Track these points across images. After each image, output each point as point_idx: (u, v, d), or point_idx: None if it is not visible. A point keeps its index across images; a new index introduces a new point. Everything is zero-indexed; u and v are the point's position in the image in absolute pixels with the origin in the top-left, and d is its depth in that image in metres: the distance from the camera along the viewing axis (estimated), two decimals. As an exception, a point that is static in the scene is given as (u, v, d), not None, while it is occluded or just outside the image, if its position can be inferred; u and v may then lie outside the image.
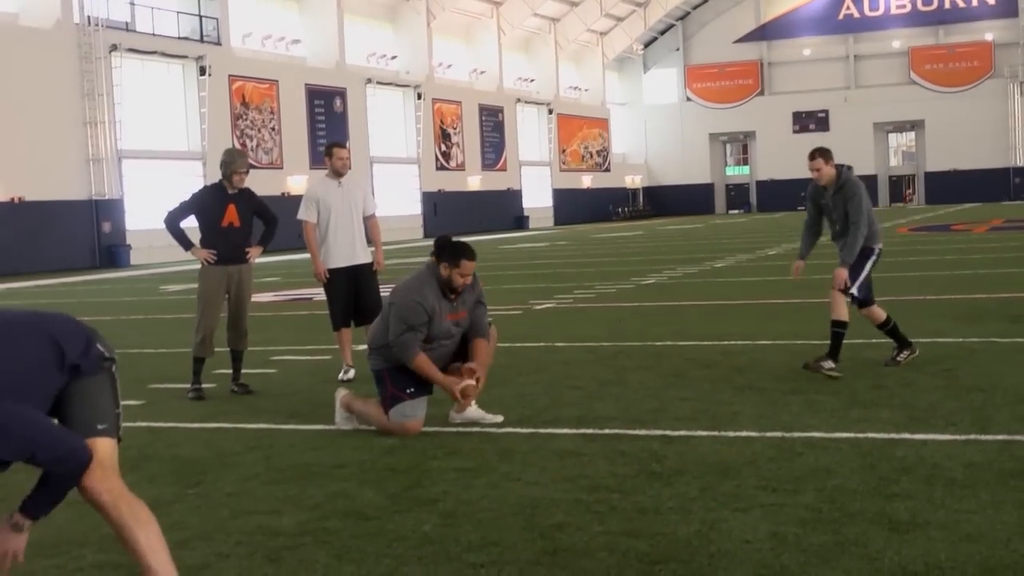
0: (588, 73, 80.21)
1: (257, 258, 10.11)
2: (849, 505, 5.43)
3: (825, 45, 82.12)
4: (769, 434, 7.07)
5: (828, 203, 9.49)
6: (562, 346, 11.92)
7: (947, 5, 79.69)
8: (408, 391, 7.70)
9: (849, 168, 9.60)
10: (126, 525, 3.97)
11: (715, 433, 7.21)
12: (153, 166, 43.09)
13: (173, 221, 10.00)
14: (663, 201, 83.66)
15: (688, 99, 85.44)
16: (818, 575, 4.49)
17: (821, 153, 9.47)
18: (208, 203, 9.93)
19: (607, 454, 6.75)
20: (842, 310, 9.29)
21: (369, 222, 10.56)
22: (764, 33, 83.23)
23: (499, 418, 7.91)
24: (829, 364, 9.08)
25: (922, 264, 21.67)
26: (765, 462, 6.38)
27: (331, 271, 10.32)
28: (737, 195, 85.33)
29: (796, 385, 8.79)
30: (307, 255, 10.67)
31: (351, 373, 10.15)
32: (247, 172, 9.92)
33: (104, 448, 4.02)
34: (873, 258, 9.50)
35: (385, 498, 6.00)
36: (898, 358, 9.48)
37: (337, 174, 10.47)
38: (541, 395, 8.78)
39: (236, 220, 9.88)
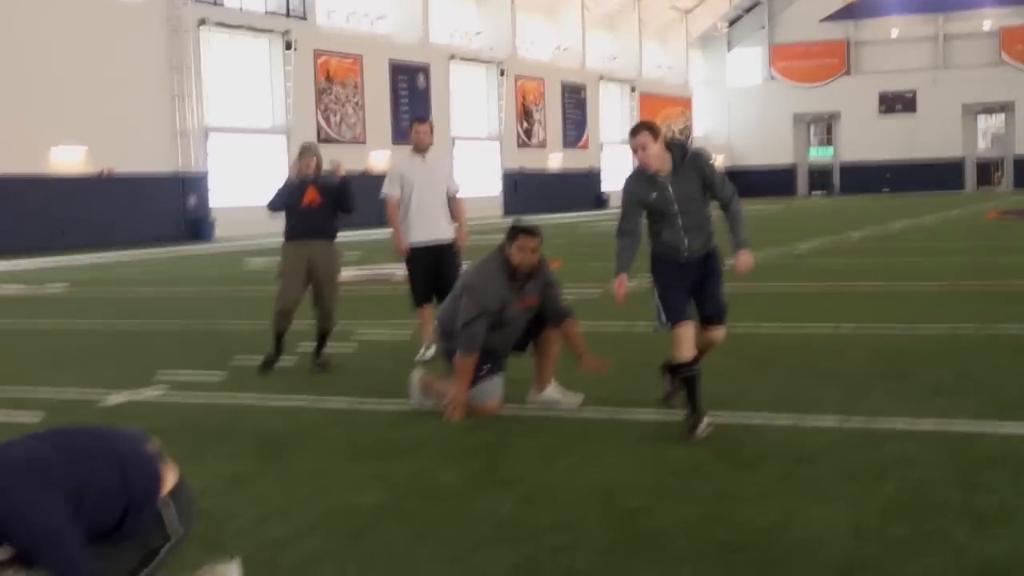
0: (672, 52, 79.69)
1: (343, 171, 10.29)
2: (933, 496, 5.35)
3: (913, 25, 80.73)
4: (851, 422, 6.98)
5: (667, 193, 7.02)
6: (642, 327, 11.85)
7: (1041, -16, 77.92)
8: (484, 368, 7.70)
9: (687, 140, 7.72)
10: None
11: (796, 420, 7.13)
12: (238, 140, 43.56)
13: (274, 204, 10.22)
14: (745, 182, 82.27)
15: (772, 78, 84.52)
16: (900, 568, 4.43)
17: (648, 128, 6.99)
18: (291, 187, 10.14)
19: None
20: (688, 346, 7.01)
21: (453, 201, 10.57)
22: (851, 12, 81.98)
23: (579, 398, 7.89)
24: (705, 422, 6.83)
25: (1012, 249, 21.25)
26: (846, 450, 6.30)
27: (412, 248, 10.33)
28: (820, 177, 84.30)
29: (879, 371, 8.67)
30: (390, 231, 10.70)
31: (432, 350, 10.17)
32: (315, 159, 10.13)
33: None
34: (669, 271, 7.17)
35: (464, 478, 6.01)
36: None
37: (420, 149, 10.50)
38: (620, 377, 8.72)
39: (316, 199, 10.03)
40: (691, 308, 7.15)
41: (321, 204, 10.06)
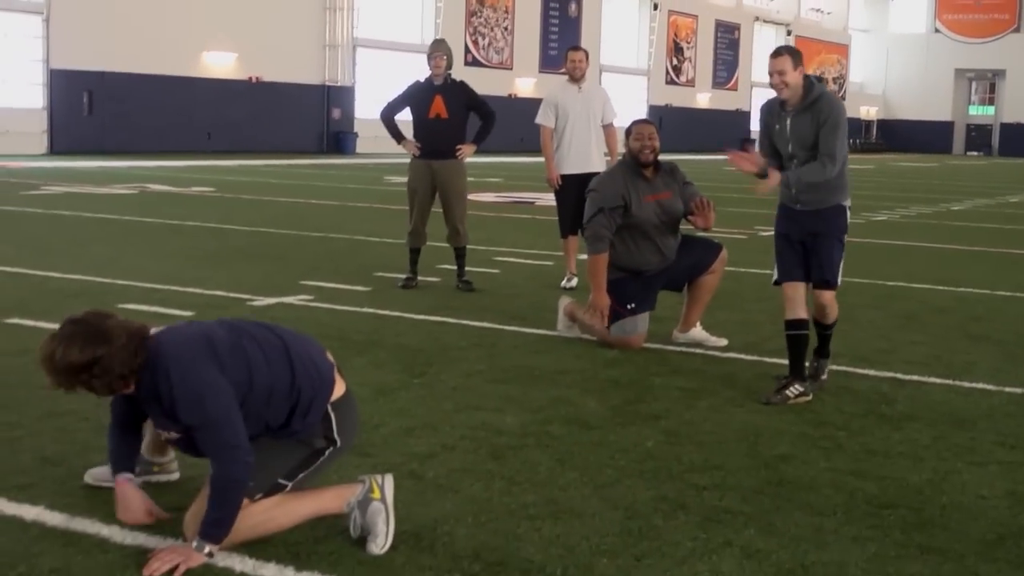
0: (833, -5, 77.81)
1: (470, 156, 10.15)
2: (1094, 472, 5.21)
3: (1094, -17, 77.49)
4: (1008, 389, 6.82)
5: (785, 128, 6.58)
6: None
7: None
8: (629, 307, 7.69)
9: (823, 82, 6.71)
10: (262, 534, 3.95)
11: (949, 381, 6.98)
12: (386, 56, 43.82)
13: (389, 113, 10.19)
14: (897, 136, 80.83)
15: (936, 30, 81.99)
16: (1058, 540, 4.33)
17: (789, 52, 6.51)
18: (416, 95, 10.08)
19: (833, 391, 6.63)
20: (793, 306, 6.58)
21: (607, 131, 10.51)
22: (1027, -34, 79.00)
23: (723, 341, 7.86)
24: (796, 388, 6.42)
25: None
26: (1003, 417, 6.16)
27: (563, 177, 10.31)
28: (978, 136, 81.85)
29: (1038, 341, 8.45)
30: (537, 159, 10.69)
31: (574, 281, 10.20)
32: (446, 58, 9.92)
33: None
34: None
35: (607, 409, 6.04)
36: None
37: (575, 79, 10.45)
38: (766, 323, 8.62)
39: (443, 111, 9.93)
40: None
41: (449, 117, 9.95)
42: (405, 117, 10.15)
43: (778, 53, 6.50)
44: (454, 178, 10.05)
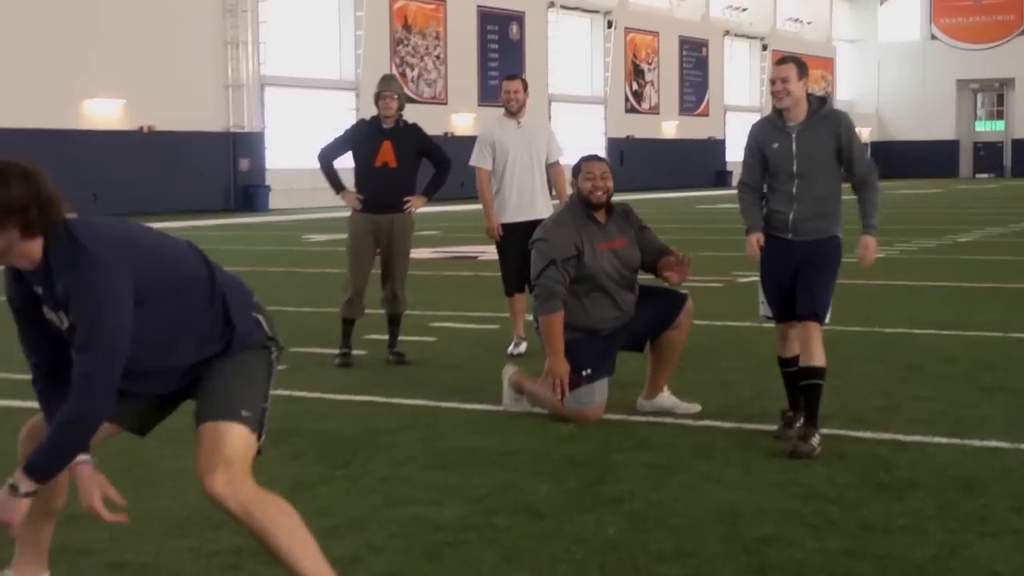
0: (812, 3, 78.92)
1: (419, 208, 10.20)
2: (1123, 538, 5.29)
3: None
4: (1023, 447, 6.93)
5: (789, 144, 7.06)
6: (771, 327, 11.79)
7: None
8: (584, 373, 7.70)
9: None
10: (261, 531, 4.06)
11: (957, 441, 7.07)
12: (300, 95, 43.94)
13: (326, 158, 10.21)
14: (896, 159, 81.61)
15: (933, 37, 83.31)
16: (1083, 619, 4.39)
17: (795, 61, 7.13)
18: (361, 139, 10.10)
19: (825, 458, 6.69)
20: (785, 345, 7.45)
21: (553, 170, 10.59)
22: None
23: (696, 408, 7.90)
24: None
25: None
26: (1019, 479, 6.25)
27: (505, 227, 10.35)
28: (987, 156, 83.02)
29: (1058, 389, 8.57)
30: (478, 206, 10.73)
31: (522, 347, 10.23)
32: (397, 99, 9.97)
33: (237, 440, 4.08)
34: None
35: (562, 494, 6.06)
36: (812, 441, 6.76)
37: (512, 112, 10.50)
38: (746, 383, 8.72)
39: (392, 160, 9.97)
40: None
41: (398, 166, 10.00)
42: (347, 164, 10.16)
43: (783, 60, 7.15)
44: (400, 236, 10.07)
